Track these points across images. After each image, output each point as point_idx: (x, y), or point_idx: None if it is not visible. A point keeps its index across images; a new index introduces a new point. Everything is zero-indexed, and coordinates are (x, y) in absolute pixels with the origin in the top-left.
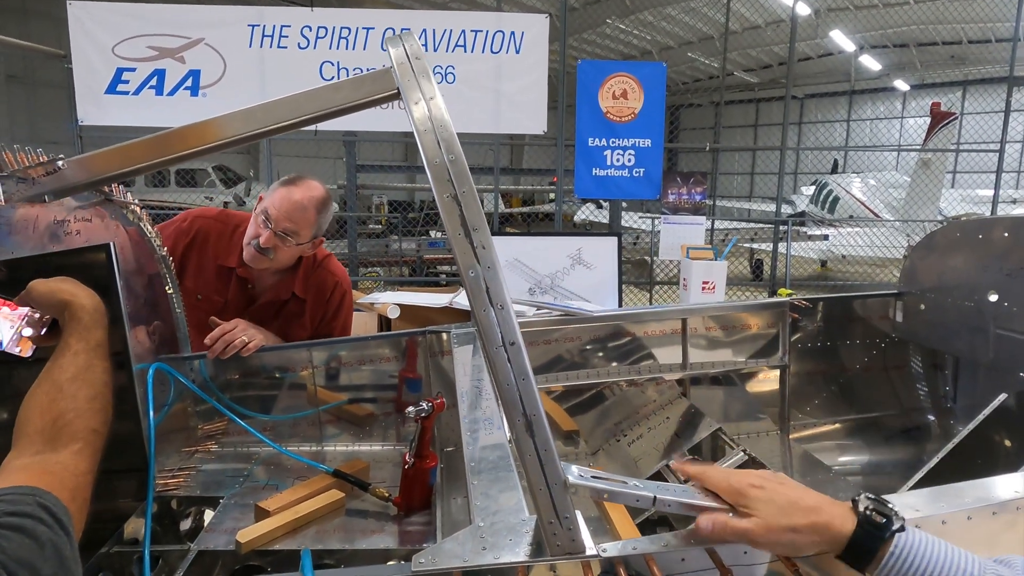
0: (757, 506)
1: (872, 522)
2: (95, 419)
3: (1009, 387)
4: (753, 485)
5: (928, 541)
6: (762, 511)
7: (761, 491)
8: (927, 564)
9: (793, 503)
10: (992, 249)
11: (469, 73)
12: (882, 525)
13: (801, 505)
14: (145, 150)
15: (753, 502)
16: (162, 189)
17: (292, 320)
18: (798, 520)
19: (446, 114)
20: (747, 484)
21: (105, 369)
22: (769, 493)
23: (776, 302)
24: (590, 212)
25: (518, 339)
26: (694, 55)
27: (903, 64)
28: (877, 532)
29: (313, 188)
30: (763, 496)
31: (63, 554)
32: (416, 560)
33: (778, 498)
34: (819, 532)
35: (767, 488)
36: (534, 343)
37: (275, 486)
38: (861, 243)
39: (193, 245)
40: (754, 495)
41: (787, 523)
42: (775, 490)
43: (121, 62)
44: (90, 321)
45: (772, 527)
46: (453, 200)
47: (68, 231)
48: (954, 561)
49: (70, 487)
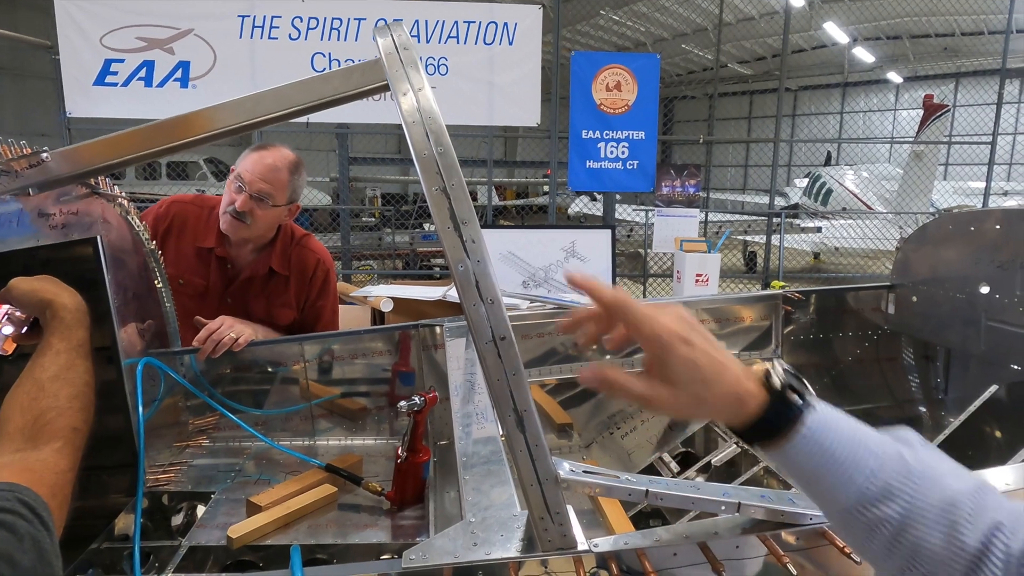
0: (677, 368)
1: (785, 400)
2: (76, 418)
3: (1000, 379)
4: (682, 339)
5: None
6: (680, 375)
7: (688, 349)
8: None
9: (718, 372)
10: (984, 241)
11: (462, 65)
12: (794, 404)
13: (724, 375)
14: (132, 142)
15: (674, 361)
16: (153, 182)
17: (276, 298)
18: (714, 392)
19: (435, 105)
20: (676, 337)
21: (87, 369)
22: (696, 354)
23: (769, 295)
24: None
25: (509, 334)
26: (688, 47)
27: (896, 56)
28: (788, 411)
29: (284, 151)
30: (688, 356)
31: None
32: (407, 557)
33: (704, 363)
34: (729, 406)
35: (695, 347)
36: (527, 336)
37: (267, 481)
38: (854, 235)
39: (171, 230)
40: (679, 353)
41: (702, 394)
42: (702, 351)
43: (109, 53)
44: (72, 321)
45: (683, 397)
46: (442, 193)
47: (54, 224)
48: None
49: (50, 484)
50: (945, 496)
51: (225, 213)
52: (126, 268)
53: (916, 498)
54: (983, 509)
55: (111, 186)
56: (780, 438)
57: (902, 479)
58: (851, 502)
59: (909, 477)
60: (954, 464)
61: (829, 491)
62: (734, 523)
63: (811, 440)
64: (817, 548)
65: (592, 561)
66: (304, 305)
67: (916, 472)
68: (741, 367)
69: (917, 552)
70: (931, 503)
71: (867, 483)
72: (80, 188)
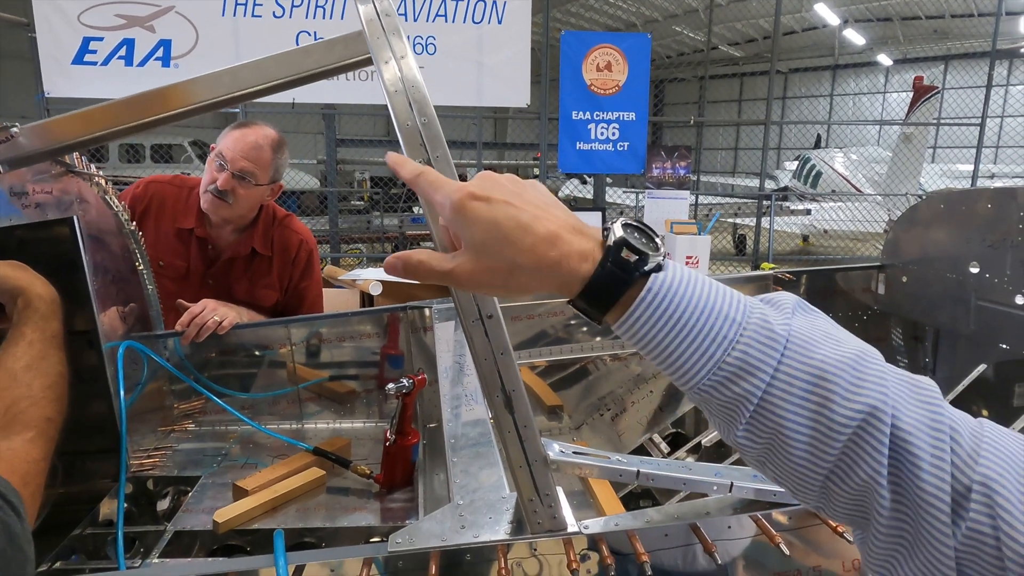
0: (471, 230)
1: (620, 261)
2: (50, 408)
3: (988, 358)
4: (475, 196)
5: (687, 282)
6: (476, 238)
7: (484, 207)
8: (682, 314)
9: (522, 227)
10: (975, 221)
11: (450, 44)
12: (630, 264)
13: (533, 230)
14: (105, 117)
15: (468, 224)
16: (136, 165)
17: (259, 279)
18: (523, 253)
19: (418, 74)
20: (467, 196)
21: (60, 360)
22: (494, 210)
23: (760, 275)
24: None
25: (496, 312)
26: (679, 28)
27: (886, 38)
28: (623, 273)
29: (266, 129)
30: (484, 215)
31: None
32: (393, 540)
33: (504, 220)
34: (547, 270)
35: (492, 203)
36: (517, 317)
37: (254, 465)
38: (843, 217)
39: (150, 211)
40: (472, 214)
41: (508, 255)
42: (503, 206)
43: (88, 31)
44: (47, 311)
45: (486, 263)
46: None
47: (27, 204)
48: (715, 307)
49: (21, 472)
50: (814, 368)
51: (206, 192)
52: (105, 249)
53: (778, 370)
54: (860, 384)
55: (88, 165)
56: (619, 306)
57: (764, 347)
58: (706, 378)
59: (772, 344)
60: (835, 330)
61: (683, 366)
62: (725, 503)
63: (656, 306)
64: (809, 527)
65: (582, 543)
66: (288, 286)
67: (781, 337)
68: (570, 224)
69: (780, 437)
70: (796, 376)
71: (721, 353)
72: (55, 167)
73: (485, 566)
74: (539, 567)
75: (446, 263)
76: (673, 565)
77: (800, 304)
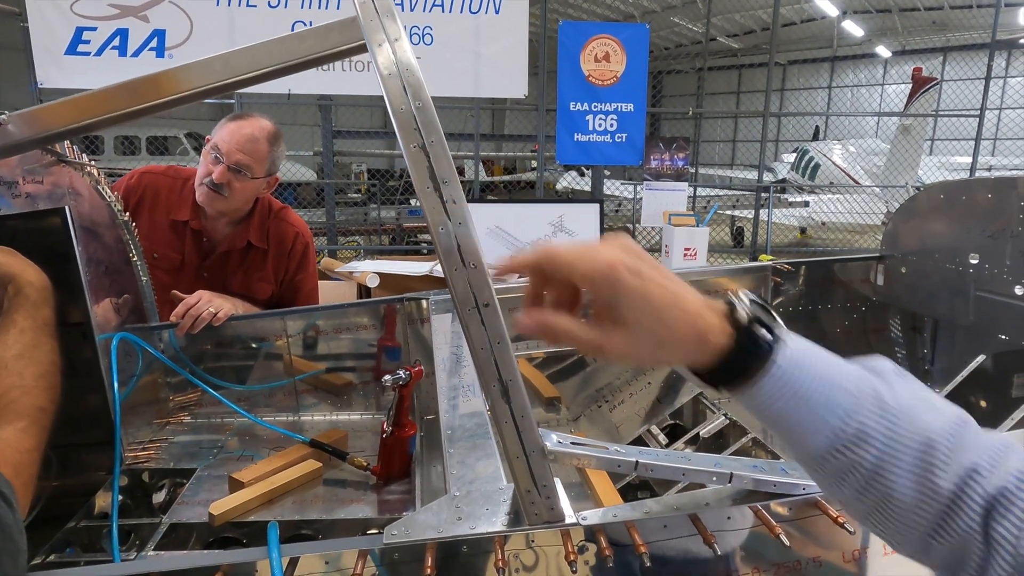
0: (628, 305)
1: (753, 337)
2: (42, 397)
3: (987, 348)
4: (630, 270)
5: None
6: (631, 313)
7: (638, 282)
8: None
9: (673, 305)
10: (975, 211)
11: (447, 35)
12: (763, 341)
13: (681, 308)
14: (96, 104)
15: (624, 297)
16: (132, 157)
17: (254, 272)
18: (671, 330)
19: (412, 58)
20: (624, 268)
21: (52, 348)
22: (647, 286)
23: (759, 266)
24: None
25: (493, 300)
26: (677, 19)
27: (885, 30)
28: (756, 349)
29: (262, 121)
30: (640, 290)
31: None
32: (388, 532)
33: (657, 295)
34: (688, 346)
35: (644, 278)
36: (516, 309)
37: (250, 457)
38: (841, 209)
39: (143, 202)
40: (629, 288)
41: (659, 332)
42: (653, 282)
43: (81, 20)
44: (39, 299)
45: (639, 338)
46: (420, 150)
47: (17, 194)
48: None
49: (13, 463)
50: (921, 436)
51: (201, 185)
52: (98, 240)
53: (891, 439)
54: (960, 449)
55: (79, 154)
56: (748, 379)
57: (877, 419)
58: (825, 446)
59: (885, 416)
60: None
61: (802, 435)
62: (724, 494)
63: (782, 381)
64: (809, 518)
65: (580, 535)
66: (283, 279)
67: (892, 410)
68: (701, 298)
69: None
70: (906, 444)
71: (841, 425)
72: (46, 156)
73: (482, 558)
74: (536, 559)
75: (597, 336)
76: (672, 556)
77: (897, 370)
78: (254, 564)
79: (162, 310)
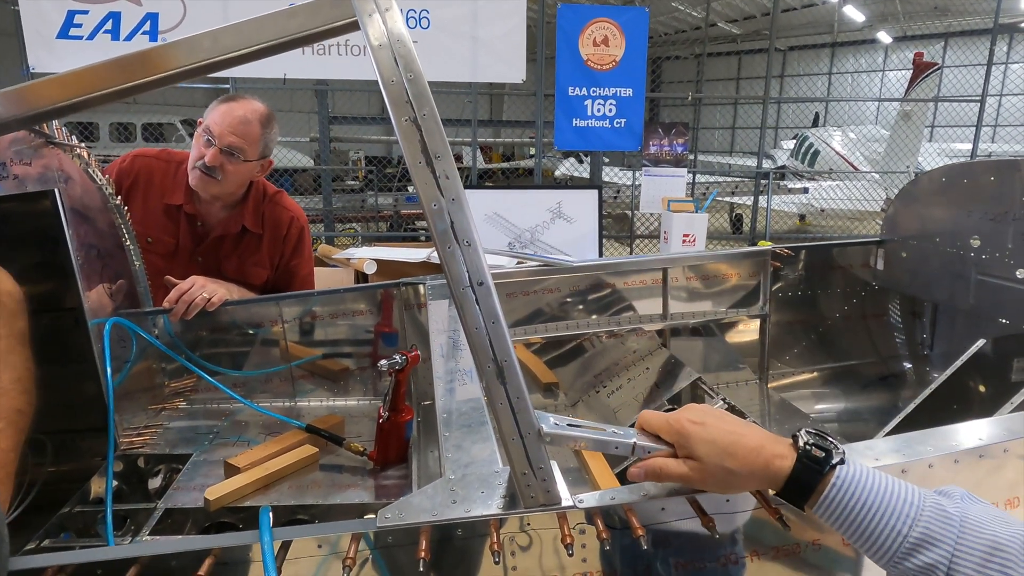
0: (697, 447)
1: (811, 457)
2: (19, 400)
3: (987, 333)
4: (693, 422)
5: (868, 473)
6: (702, 452)
7: (702, 429)
8: (868, 496)
9: (734, 443)
10: (977, 194)
11: (444, 18)
12: (821, 459)
13: (742, 444)
14: (82, 82)
15: (694, 443)
16: (127, 144)
17: (249, 257)
18: (739, 461)
19: (404, 28)
20: (687, 421)
21: (27, 357)
22: (710, 431)
23: (758, 251)
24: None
25: (487, 279)
26: (677, 4)
27: (886, 15)
28: (816, 466)
29: (254, 103)
30: (704, 435)
31: None
32: (382, 515)
33: (719, 437)
34: (759, 472)
35: (707, 426)
36: (513, 294)
37: (246, 443)
38: (840, 196)
39: (137, 186)
40: (694, 434)
41: (727, 465)
42: (716, 427)
43: (72, 4)
44: (15, 308)
45: (711, 470)
46: (412, 124)
47: (6, 175)
48: (895, 492)
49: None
50: (989, 541)
51: (194, 168)
52: (90, 224)
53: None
54: None
55: (68, 136)
56: (815, 494)
57: (942, 524)
58: (895, 549)
59: (948, 522)
60: (999, 512)
61: (873, 541)
62: None
63: (844, 491)
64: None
65: (577, 518)
66: (278, 264)
67: (955, 517)
68: (767, 435)
69: None
70: (976, 547)
71: (907, 529)
72: (34, 138)
73: (477, 541)
74: (532, 542)
75: (684, 470)
76: (670, 540)
77: (969, 495)
78: (247, 548)
79: (157, 295)
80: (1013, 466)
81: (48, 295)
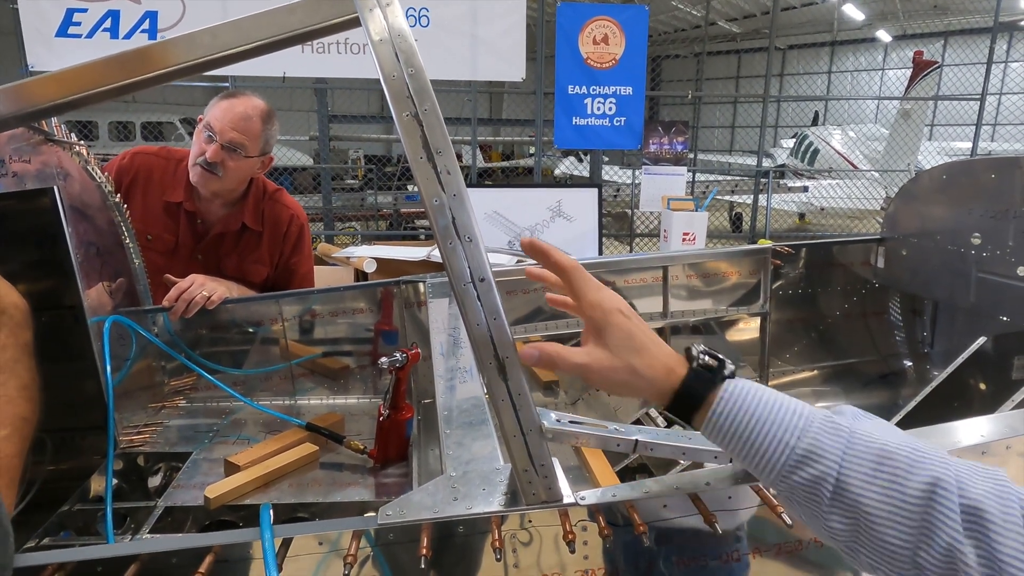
0: (614, 334)
1: (704, 365)
2: (24, 407)
3: (988, 330)
4: (622, 312)
5: (757, 388)
6: (615, 342)
7: (627, 321)
8: (756, 408)
9: (649, 342)
10: (978, 192)
11: (444, 17)
12: (713, 368)
13: (654, 344)
14: (80, 78)
15: (613, 329)
16: (127, 143)
17: (248, 254)
18: (645, 361)
19: (404, 22)
20: (615, 306)
21: (33, 367)
22: (633, 326)
23: (759, 249)
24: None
25: (488, 275)
26: (677, 2)
27: (886, 14)
28: (708, 375)
29: (255, 99)
30: (626, 326)
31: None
32: (383, 512)
33: (638, 334)
34: (659, 379)
35: (633, 320)
36: (513, 292)
37: (246, 441)
38: (840, 195)
39: (136, 183)
40: (618, 323)
41: (634, 363)
42: (638, 325)
43: (71, 2)
44: (21, 320)
45: (616, 364)
46: (413, 119)
47: (4, 173)
48: (784, 405)
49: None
50: (878, 450)
51: (195, 165)
52: (89, 222)
53: (849, 453)
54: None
55: (67, 133)
56: (703, 406)
57: (831, 436)
58: (783, 462)
59: (837, 434)
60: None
61: (763, 455)
62: (725, 474)
63: (732, 403)
64: None
65: (578, 515)
66: (278, 262)
67: (845, 429)
68: (668, 347)
69: (862, 515)
70: (865, 457)
71: (794, 440)
72: (33, 135)
73: (478, 538)
74: (534, 539)
75: (584, 357)
76: (672, 537)
77: (864, 413)
78: (247, 545)
79: (156, 293)
80: (1015, 463)
81: (47, 293)
